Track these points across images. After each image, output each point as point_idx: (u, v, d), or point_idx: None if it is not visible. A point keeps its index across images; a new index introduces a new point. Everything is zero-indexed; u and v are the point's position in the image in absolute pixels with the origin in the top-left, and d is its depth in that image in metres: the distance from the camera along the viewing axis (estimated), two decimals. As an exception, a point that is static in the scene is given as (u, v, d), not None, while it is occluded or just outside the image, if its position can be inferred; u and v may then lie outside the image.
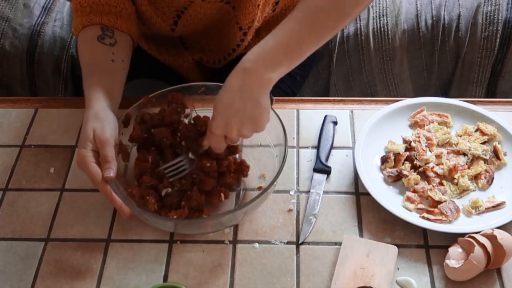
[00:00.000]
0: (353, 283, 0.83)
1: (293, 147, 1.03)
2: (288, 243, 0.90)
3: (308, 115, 1.08)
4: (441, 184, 0.95)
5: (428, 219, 0.90)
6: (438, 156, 0.99)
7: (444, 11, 1.49)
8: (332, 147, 1.02)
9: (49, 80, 1.53)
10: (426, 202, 0.93)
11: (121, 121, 0.94)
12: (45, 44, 1.51)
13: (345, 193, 0.96)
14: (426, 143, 1.01)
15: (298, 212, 0.94)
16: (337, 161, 1.01)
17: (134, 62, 1.10)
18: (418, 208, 0.92)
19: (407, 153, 0.99)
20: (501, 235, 0.83)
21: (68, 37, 1.53)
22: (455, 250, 0.85)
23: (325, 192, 0.96)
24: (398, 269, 0.86)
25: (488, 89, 1.56)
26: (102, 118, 0.89)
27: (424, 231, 0.90)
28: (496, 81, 1.54)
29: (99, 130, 0.87)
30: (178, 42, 1.23)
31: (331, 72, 1.54)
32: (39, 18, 1.55)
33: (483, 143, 1.00)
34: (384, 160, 0.99)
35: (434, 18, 1.49)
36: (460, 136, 1.03)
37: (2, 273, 0.87)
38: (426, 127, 1.04)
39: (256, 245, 0.90)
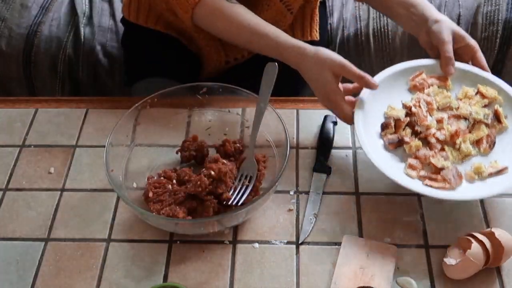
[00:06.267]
0: (353, 283, 0.83)
1: (293, 147, 1.03)
2: (288, 243, 0.90)
3: (308, 115, 1.08)
4: (442, 149, 0.93)
5: (431, 186, 0.88)
6: (439, 121, 0.96)
7: (444, 11, 1.49)
8: (332, 147, 1.02)
9: (46, 80, 1.53)
10: (428, 169, 0.91)
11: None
12: (42, 44, 1.51)
13: (345, 193, 0.96)
14: (426, 107, 0.98)
15: (298, 212, 0.94)
16: (337, 161, 1.01)
17: (143, 61, 1.09)
18: (420, 176, 0.90)
19: (408, 118, 0.96)
20: (499, 232, 0.83)
21: (65, 37, 1.53)
22: (454, 249, 0.84)
23: (325, 192, 0.96)
24: (398, 269, 0.86)
25: (488, 89, 1.56)
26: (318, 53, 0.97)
27: (424, 231, 0.90)
28: (496, 81, 1.54)
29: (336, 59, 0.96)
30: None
31: (331, 72, 1.54)
32: (36, 18, 1.55)
33: (484, 106, 0.98)
34: (384, 126, 0.95)
35: (434, 18, 1.49)
36: (460, 100, 1.00)
37: (2, 273, 0.87)
38: (425, 91, 1.01)
39: (256, 245, 0.90)
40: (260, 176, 0.93)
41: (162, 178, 0.94)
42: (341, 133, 1.05)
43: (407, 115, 0.97)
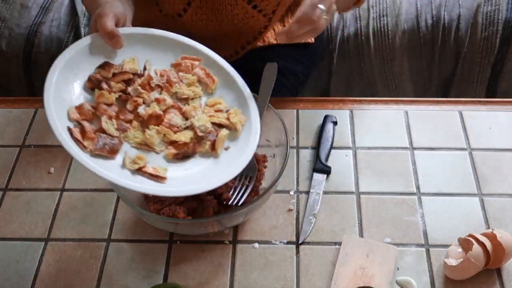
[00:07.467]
0: (353, 283, 0.83)
1: (293, 147, 1.03)
2: (288, 243, 0.90)
3: (308, 115, 1.08)
4: (130, 121, 0.82)
5: (72, 134, 0.76)
6: (158, 101, 0.84)
7: (444, 11, 1.49)
8: (332, 147, 1.02)
9: (46, 80, 1.53)
10: (97, 124, 0.80)
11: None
12: (42, 44, 1.52)
13: (345, 193, 0.96)
14: (162, 82, 0.86)
15: (298, 212, 0.94)
16: (337, 161, 1.01)
17: None
18: (79, 123, 0.78)
19: (131, 76, 0.85)
20: (501, 234, 0.83)
21: (65, 37, 1.53)
22: (454, 249, 0.85)
23: (325, 192, 0.96)
24: (398, 269, 0.86)
25: (488, 89, 1.56)
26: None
27: (424, 231, 0.90)
28: (496, 81, 1.54)
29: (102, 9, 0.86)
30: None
31: (331, 72, 1.54)
32: (37, 18, 1.55)
33: (220, 125, 0.85)
34: (102, 65, 0.84)
35: (434, 18, 1.49)
36: (208, 106, 0.88)
37: (2, 273, 0.87)
38: (181, 74, 0.89)
39: (256, 245, 0.90)
40: (260, 176, 0.93)
41: None
42: (341, 133, 1.05)
43: (138, 75, 0.86)
